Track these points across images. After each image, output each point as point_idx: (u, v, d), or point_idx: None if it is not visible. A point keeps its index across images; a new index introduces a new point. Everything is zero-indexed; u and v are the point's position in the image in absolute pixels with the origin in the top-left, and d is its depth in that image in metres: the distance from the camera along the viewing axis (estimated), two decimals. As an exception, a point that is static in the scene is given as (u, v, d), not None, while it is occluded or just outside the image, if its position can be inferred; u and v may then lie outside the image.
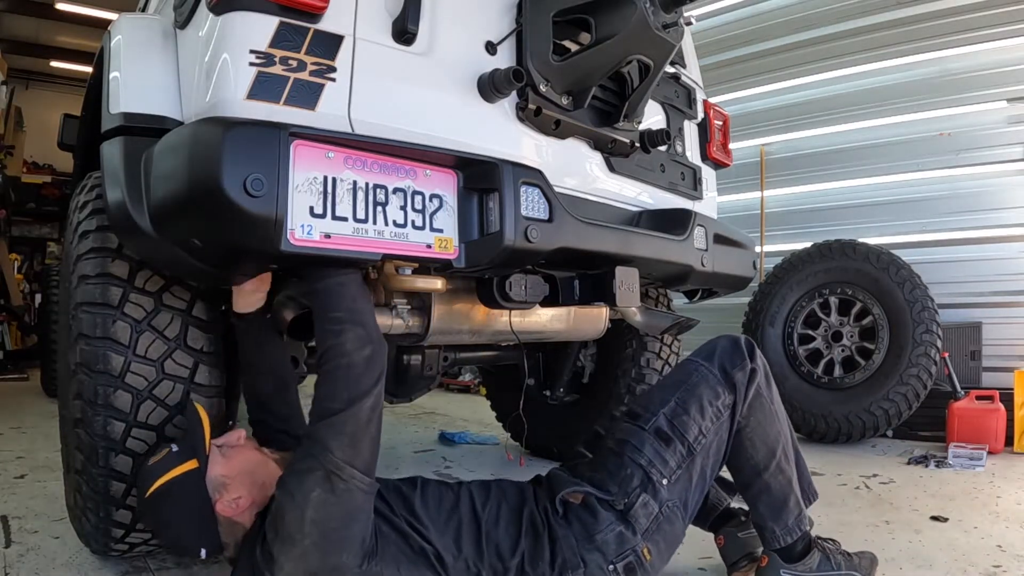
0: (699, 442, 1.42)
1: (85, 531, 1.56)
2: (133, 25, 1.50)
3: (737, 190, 4.87)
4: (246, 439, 1.34)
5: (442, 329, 1.67)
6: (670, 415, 1.43)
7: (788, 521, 1.46)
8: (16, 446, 3.21)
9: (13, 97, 7.97)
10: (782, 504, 1.47)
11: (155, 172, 1.23)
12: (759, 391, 1.50)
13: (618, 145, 1.81)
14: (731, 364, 1.48)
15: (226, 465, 1.26)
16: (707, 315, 2.89)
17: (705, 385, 1.46)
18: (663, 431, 1.42)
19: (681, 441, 1.41)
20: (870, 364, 3.43)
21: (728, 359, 1.49)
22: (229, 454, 1.29)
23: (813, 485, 1.61)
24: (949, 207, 4.10)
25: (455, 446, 3.40)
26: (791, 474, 1.50)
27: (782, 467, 1.49)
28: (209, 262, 1.29)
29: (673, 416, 1.43)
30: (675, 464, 1.40)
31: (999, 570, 1.69)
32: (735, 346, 1.51)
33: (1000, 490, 2.53)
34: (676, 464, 1.40)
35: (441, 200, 1.36)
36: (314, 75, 1.25)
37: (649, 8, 1.44)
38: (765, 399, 1.51)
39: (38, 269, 9.11)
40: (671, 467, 1.39)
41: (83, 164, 2.08)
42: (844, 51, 4.52)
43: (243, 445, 1.32)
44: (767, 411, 1.50)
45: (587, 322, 2.06)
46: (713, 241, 1.99)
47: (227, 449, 1.30)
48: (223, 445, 1.30)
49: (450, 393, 5.88)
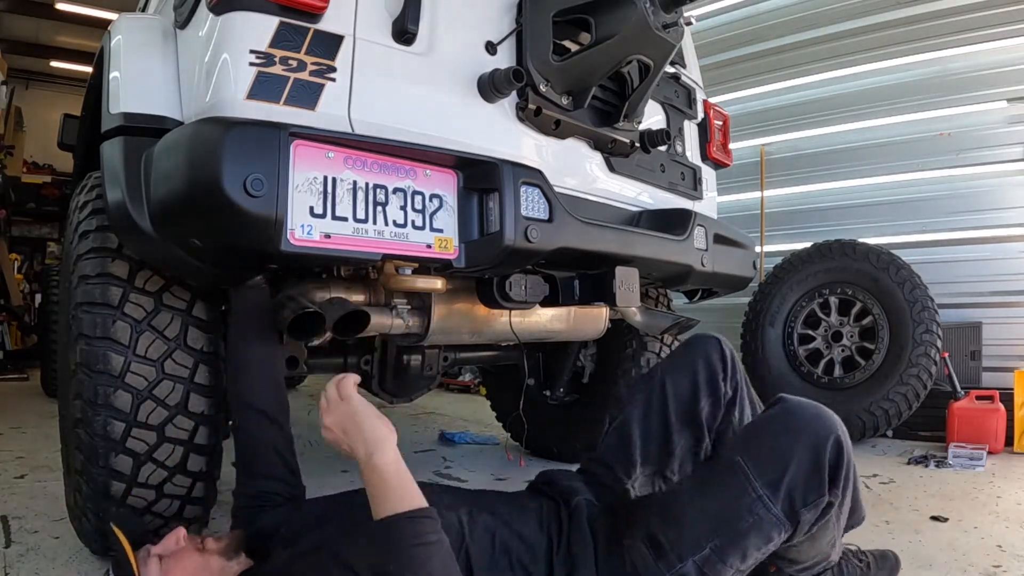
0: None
1: (85, 531, 1.56)
2: (133, 25, 1.50)
3: (737, 190, 4.87)
4: (185, 539, 1.19)
5: (442, 329, 1.67)
6: (701, 563, 1.10)
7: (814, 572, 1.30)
8: (16, 446, 3.20)
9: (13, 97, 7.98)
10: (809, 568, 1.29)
11: (155, 172, 1.24)
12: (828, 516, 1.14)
13: (618, 145, 1.81)
14: (803, 500, 1.08)
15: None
16: (707, 315, 2.89)
17: (757, 532, 1.08)
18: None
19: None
20: (870, 364, 3.43)
21: (801, 492, 1.08)
22: (168, 566, 1.15)
23: (862, 512, 1.37)
24: (949, 207, 4.10)
25: (455, 446, 3.40)
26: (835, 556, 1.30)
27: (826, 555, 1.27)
28: (209, 262, 1.29)
29: (705, 565, 1.10)
30: None
31: (999, 570, 1.69)
32: (815, 470, 1.07)
33: (1000, 490, 2.52)
34: None
35: (441, 200, 1.36)
36: (314, 75, 1.25)
37: (649, 8, 1.44)
38: (832, 524, 1.17)
39: (38, 269, 9.11)
40: None
41: (83, 164, 2.08)
42: (844, 51, 4.52)
43: (182, 549, 1.18)
44: (829, 529, 1.18)
45: (587, 322, 2.06)
46: (713, 241, 1.99)
47: (167, 560, 1.16)
48: (161, 555, 1.16)
49: (450, 393, 5.88)
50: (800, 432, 1.10)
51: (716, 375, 1.41)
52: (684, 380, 1.41)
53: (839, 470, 1.08)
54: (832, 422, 1.11)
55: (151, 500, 1.46)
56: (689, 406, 1.40)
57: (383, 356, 2.05)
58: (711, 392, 1.40)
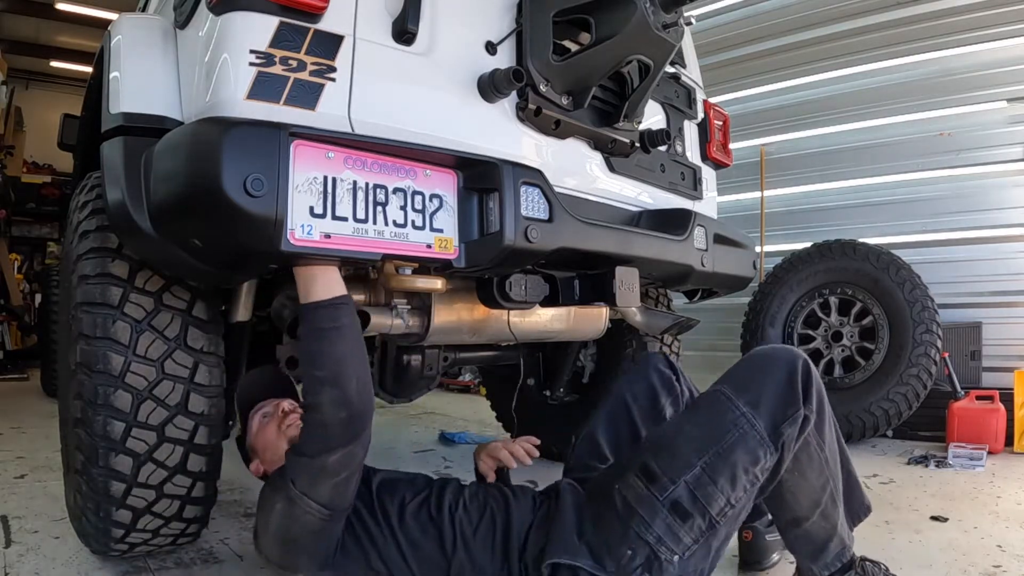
0: (724, 514, 1.18)
1: (85, 531, 1.56)
2: (133, 25, 1.50)
3: (737, 190, 4.87)
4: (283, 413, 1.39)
5: (442, 329, 1.67)
6: (693, 485, 1.17)
7: (827, 559, 1.33)
8: (16, 446, 3.21)
9: (13, 97, 7.97)
10: (822, 547, 1.33)
11: (155, 172, 1.24)
12: (807, 440, 1.26)
13: (618, 145, 1.81)
14: (783, 415, 1.19)
15: (252, 436, 1.42)
16: (707, 315, 2.89)
17: (743, 448, 1.17)
18: (681, 505, 1.17)
19: (702, 515, 1.17)
20: (870, 364, 3.43)
21: (780, 407, 1.19)
22: (261, 424, 1.41)
23: (865, 500, 1.44)
24: (949, 207, 4.10)
25: (455, 446, 3.40)
26: (836, 516, 1.33)
27: (826, 513, 1.32)
28: (209, 262, 1.29)
29: (697, 487, 1.17)
30: (691, 540, 1.17)
31: (999, 570, 1.69)
32: (789, 385, 1.20)
33: (1000, 490, 2.52)
34: (693, 540, 1.17)
35: (441, 200, 1.36)
36: (314, 75, 1.25)
37: (649, 8, 1.44)
38: (814, 448, 1.28)
39: (38, 269, 9.11)
40: (685, 544, 1.17)
41: (83, 164, 2.08)
42: (844, 51, 4.52)
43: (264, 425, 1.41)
44: (815, 461, 1.29)
45: (587, 322, 2.06)
46: (713, 241, 1.99)
47: (264, 419, 1.42)
48: (265, 415, 1.42)
49: (450, 393, 5.88)
50: (772, 360, 1.24)
51: (670, 379, 1.60)
52: (641, 387, 1.58)
53: (810, 386, 1.22)
54: (799, 353, 1.26)
55: (151, 500, 1.46)
56: (651, 405, 1.56)
57: (383, 356, 2.05)
58: (669, 392, 1.57)
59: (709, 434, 1.20)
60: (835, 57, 4.57)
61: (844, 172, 4.50)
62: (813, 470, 1.29)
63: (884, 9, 4.35)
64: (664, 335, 2.54)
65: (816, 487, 1.30)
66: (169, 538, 1.57)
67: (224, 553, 1.79)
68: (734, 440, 1.17)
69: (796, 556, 1.40)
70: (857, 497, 1.43)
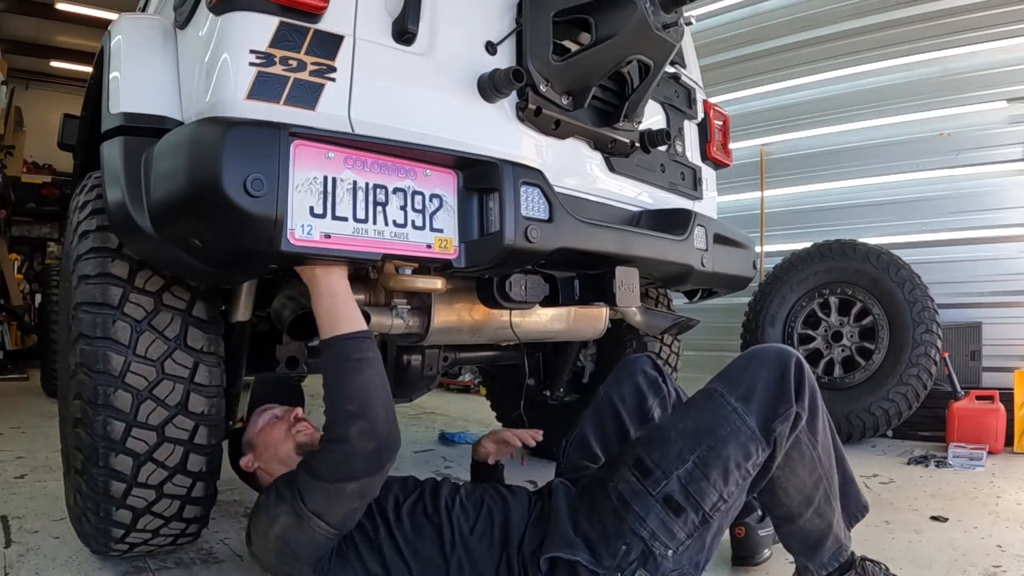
0: (717, 508, 1.19)
1: (85, 531, 1.56)
2: (133, 25, 1.50)
3: (737, 190, 4.87)
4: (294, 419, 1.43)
5: (442, 329, 1.67)
6: (685, 479, 1.18)
7: (824, 558, 1.33)
8: (16, 446, 3.21)
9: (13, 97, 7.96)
10: (817, 545, 1.33)
11: (155, 172, 1.24)
12: (799, 437, 1.27)
13: (618, 145, 1.81)
14: (774, 412, 1.20)
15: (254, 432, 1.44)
16: (707, 315, 2.89)
17: (735, 443, 1.19)
18: (674, 500, 1.18)
19: (696, 510, 1.18)
20: (870, 364, 3.43)
21: (771, 404, 1.20)
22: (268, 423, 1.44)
23: (862, 500, 1.45)
24: (949, 207, 4.10)
25: (455, 446, 3.40)
26: (831, 515, 1.33)
27: (820, 511, 1.32)
28: (209, 262, 1.29)
29: (689, 481, 1.18)
30: (685, 535, 1.18)
31: (999, 570, 1.69)
32: (781, 383, 1.21)
33: (1000, 490, 2.52)
34: (686, 534, 1.18)
35: (441, 200, 1.36)
36: (314, 75, 1.25)
37: (649, 8, 1.44)
38: (806, 446, 1.29)
39: (38, 269, 9.10)
40: (679, 538, 1.18)
41: (83, 164, 2.08)
42: (844, 51, 4.52)
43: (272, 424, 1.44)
44: (807, 458, 1.29)
45: (587, 322, 2.06)
46: (713, 241, 1.99)
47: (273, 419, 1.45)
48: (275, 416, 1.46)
49: (450, 393, 5.88)
50: (765, 358, 1.25)
51: (656, 380, 1.62)
52: (628, 388, 1.60)
53: (803, 384, 1.22)
54: (792, 351, 1.26)
55: (151, 500, 1.46)
56: (639, 405, 1.59)
57: (383, 356, 2.04)
58: (656, 393, 1.60)
59: (701, 429, 1.21)
60: (835, 57, 4.57)
61: (844, 172, 4.50)
62: (805, 467, 1.30)
63: (884, 9, 4.35)
64: (664, 335, 2.54)
65: (808, 484, 1.31)
66: (169, 538, 1.57)
67: (224, 553, 1.79)
68: (726, 435, 1.19)
69: (792, 554, 1.40)
70: (854, 497, 1.43)
